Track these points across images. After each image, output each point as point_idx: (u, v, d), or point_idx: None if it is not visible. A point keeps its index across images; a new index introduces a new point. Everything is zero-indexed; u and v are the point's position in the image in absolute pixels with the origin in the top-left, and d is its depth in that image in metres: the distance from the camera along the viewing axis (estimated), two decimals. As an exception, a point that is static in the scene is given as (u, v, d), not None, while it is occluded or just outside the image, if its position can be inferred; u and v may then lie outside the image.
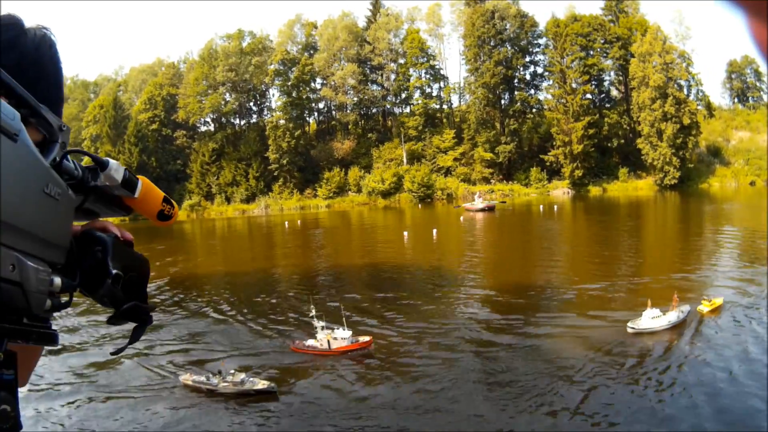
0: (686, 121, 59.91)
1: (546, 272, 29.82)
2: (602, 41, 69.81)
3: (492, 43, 71.47)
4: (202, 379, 17.24)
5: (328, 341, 19.13)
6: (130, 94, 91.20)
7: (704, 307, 19.42)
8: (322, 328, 19.43)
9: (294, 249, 44.50)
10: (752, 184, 59.86)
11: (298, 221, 55.29)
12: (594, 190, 64.94)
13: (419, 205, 62.19)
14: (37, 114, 0.94)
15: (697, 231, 41.30)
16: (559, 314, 21.79)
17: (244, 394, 16.73)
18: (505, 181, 67.50)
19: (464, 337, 19.60)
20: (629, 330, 18.03)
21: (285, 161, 69.44)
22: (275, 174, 70.40)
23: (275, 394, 16.42)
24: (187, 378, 17.40)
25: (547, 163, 67.22)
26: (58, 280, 0.87)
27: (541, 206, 57.84)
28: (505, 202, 57.68)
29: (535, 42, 75.43)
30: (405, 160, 68.15)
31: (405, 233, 44.92)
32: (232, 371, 17.06)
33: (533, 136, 70.65)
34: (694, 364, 15.68)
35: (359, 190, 66.34)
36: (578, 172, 64.71)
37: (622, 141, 67.93)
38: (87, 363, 19.26)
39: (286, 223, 54.90)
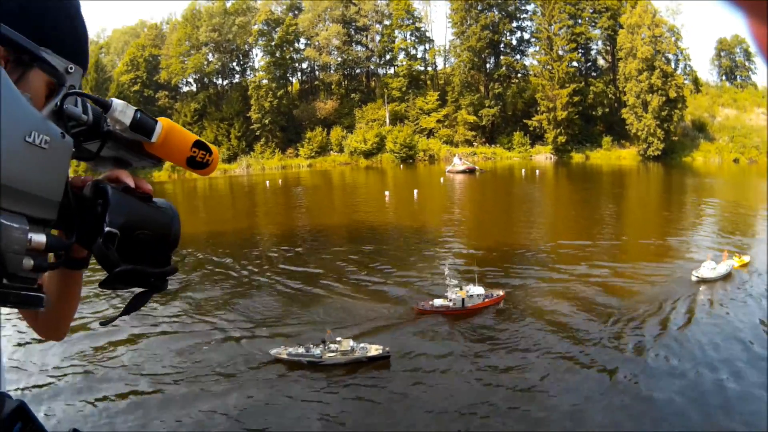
0: (672, 94, 59.86)
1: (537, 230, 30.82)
2: (591, 11, 68.91)
3: (479, 7, 70.49)
4: (301, 351, 15.25)
5: (462, 299, 18.26)
6: (113, 56, 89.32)
7: (736, 262, 21.91)
8: (455, 286, 18.70)
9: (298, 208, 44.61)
10: (736, 161, 60.27)
11: (279, 180, 55.22)
12: (577, 157, 65.24)
13: (401, 166, 62.31)
14: (38, 58, 0.87)
15: (681, 200, 42.46)
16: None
17: (354, 363, 14.91)
18: (487, 145, 67.63)
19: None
20: (693, 278, 20.48)
21: (267, 121, 68.76)
22: (257, 134, 69.80)
23: (388, 360, 15.09)
24: (280, 352, 15.33)
25: (531, 128, 67.21)
26: (40, 238, 0.78)
27: (524, 170, 58.38)
28: (484, 171, 57.79)
29: (523, 8, 74.34)
30: (388, 120, 67.87)
31: (386, 193, 45.29)
32: (338, 339, 15.35)
33: (517, 101, 70.46)
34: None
35: (341, 150, 66.12)
36: (561, 139, 64.90)
37: (607, 110, 67.94)
38: (160, 349, 16.72)
39: (267, 182, 54.83)
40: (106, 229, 0.90)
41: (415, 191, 45.06)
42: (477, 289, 18.45)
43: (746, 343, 15.25)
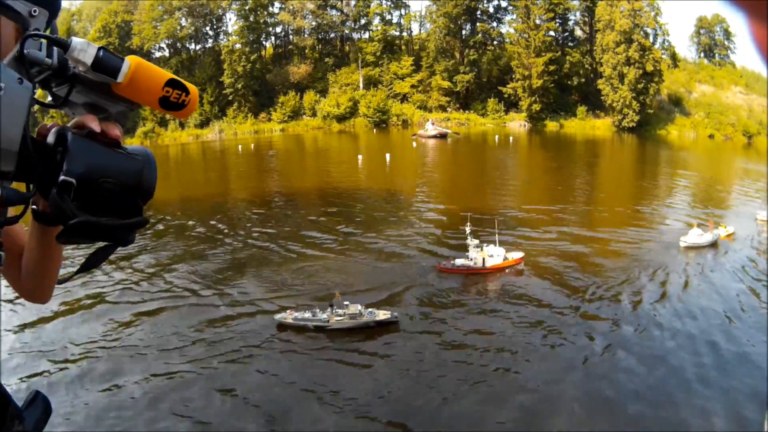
0: (649, 68, 60.02)
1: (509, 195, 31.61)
2: (570, -19, 68.41)
3: (456, -27, 69.42)
4: (308, 315, 14.94)
5: (483, 259, 18.76)
6: (85, 23, 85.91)
7: (723, 231, 23.32)
8: (476, 246, 19.05)
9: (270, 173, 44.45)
10: (711, 137, 60.99)
11: (252, 145, 54.86)
12: (551, 125, 65.58)
13: (374, 131, 62.21)
14: (1, 4, 0.83)
15: (654, 171, 43.61)
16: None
17: (362, 327, 14.87)
18: (461, 110, 67.61)
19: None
20: (681, 245, 21.84)
21: (240, 86, 67.71)
22: (230, 99, 68.74)
23: (397, 324, 15.16)
24: (286, 317, 15.04)
25: (505, 95, 67.08)
26: None
27: (497, 137, 58.77)
28: (458, 134, 58.01)
29: (501, -25, 73.46)
30: (361, 85, 67.31)
31: (359, 157, 45.49)
32: (346, 303, 15.19)
33: (493, 68, 70.27)
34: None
35: (314, 115, 65.57)
36: (536, 107, 64.99)
37: (583, 80, 67.95)
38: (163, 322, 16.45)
39: (240, 146, 54.43)
40: (61, 177, 0.83)
41: (387, 155, 45.30)
42: (497, 250, 19.04)
43: (736, 305, 16.65)
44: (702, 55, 77.44)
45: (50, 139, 0.88)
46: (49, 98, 0.95)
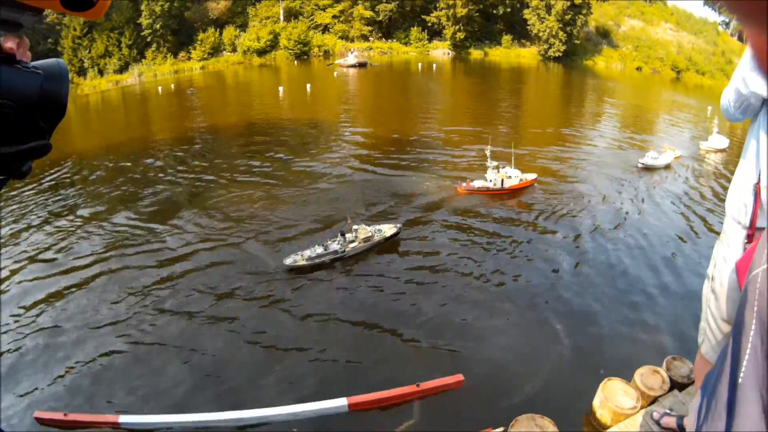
0: (577, 0, 60.29)
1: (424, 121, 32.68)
2: None
3: None
4: (320, 251, 14.17)
5: (502, 180, 19.16)
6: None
7: (674, 154, 25.25)
8: (495, 167, 19.33)
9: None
10: (638, 69, 62.31)
11: (172, 85, 53.85)
12: (475, 54, 66.18)
13: (295, 63, 61.86)
14: None
15: (580, 97, 45.26)
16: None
17: (373, 247, 14.60)
18: (384, 39, 67.69)
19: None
20: (639, 165, 23.86)
21: (158, 26, 64.89)
22: (149, 40, 65.98)
23: (399, 233, 15.35)
24: (297, 259, 13.98)
25: (429, 24, 67.19)
26: None
27: (420, 64, 59.43)
28: (373, 64, 58.32)
29: None
30: (282, 17, 65.93)
31: (280, 89, 45.89)
32: (355, 228, 14.65)
33: (416, -3, 69.98)
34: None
35: (234, 50, 64.22)
36: (460, 35, 65.48)
37: (509, 10, 67.78)
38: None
39: (159, 88, 53.30)
40: None
41: (308, 86, 45.86)
42: (513, 171, 19.65)
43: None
44: (633, -10, 78.20)
45: None
46: None
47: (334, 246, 14.26)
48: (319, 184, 21.37)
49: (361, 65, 56.05)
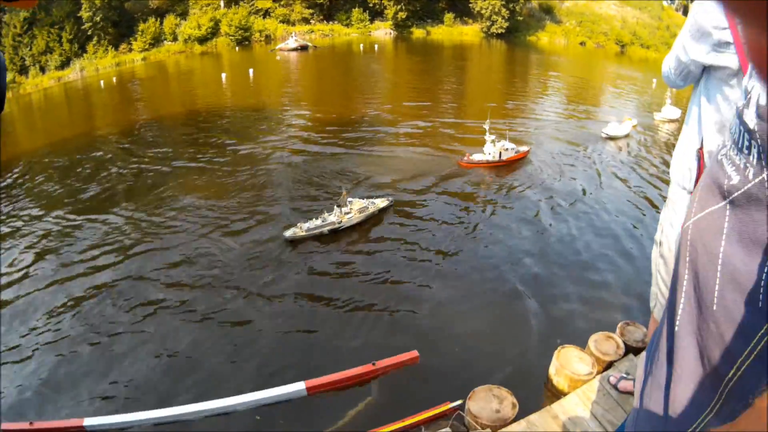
0: None
1: (366, 101, 33.01)
2: None
3: None
4: (318, 222, 14.10)
5: (500, 153, 19.72)
6: None
7: (630, 123, 26.38)
8: (493, 141, 19.77)
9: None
10: (582, 44, 62.50)
11: (113, 78, 53.79)
12: (417, 32, 66.63)
13: (237, 49, 62.01)
14: None
15: (524, 72, 45.72)
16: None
17: (369, 219, 14.66)
18: (325, 22, 68.04)
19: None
20: (603, 135, 24.81)
21: (99, 18, 63.90)
22: (89, 33, 65.05)
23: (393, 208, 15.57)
24: (296, 231, 13.83)
25: (370, 5, 67.55)
26: None
27: (362, 45, 60.06)
28: (315, 46, 58.85)
29: None
30: (222, 4, 65.65)
31: (223, 75, 46.54)
32: (350, 200, 14.73)
33: (357, -23, 70.25)
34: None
35: (175, 39, 63.83)
36: (401, 15, 65.90)
37: None
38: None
39: (101, 81, 53.15)
40: None
41: (251, 71, 46.54)
42: (509, 144, 20.33)
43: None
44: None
45: None
46: None
47: (331, 218, 14.22)
48: (268, 166, 21.44)
49: (303, 48, 56.70)
